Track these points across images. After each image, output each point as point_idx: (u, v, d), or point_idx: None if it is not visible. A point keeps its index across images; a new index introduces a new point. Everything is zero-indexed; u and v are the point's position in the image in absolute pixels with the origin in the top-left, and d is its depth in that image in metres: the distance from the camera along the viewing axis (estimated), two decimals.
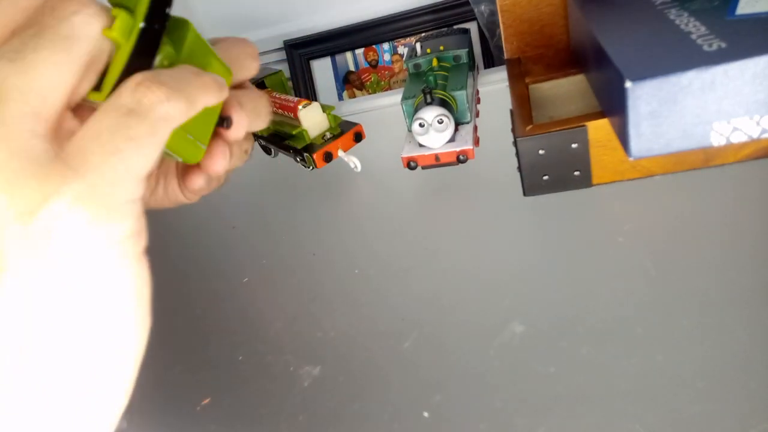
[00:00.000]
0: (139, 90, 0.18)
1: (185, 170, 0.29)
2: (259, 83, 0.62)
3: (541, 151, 0.43)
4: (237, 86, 0.28)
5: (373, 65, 0.99)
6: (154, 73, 0.19)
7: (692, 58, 0.31)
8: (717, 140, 0.32)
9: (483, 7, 0.85)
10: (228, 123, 0.27)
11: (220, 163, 0.26)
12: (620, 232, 0.43)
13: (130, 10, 0.22)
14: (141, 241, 0.17)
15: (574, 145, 0.42)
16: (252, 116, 0.27)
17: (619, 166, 0.43)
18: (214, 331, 0.47)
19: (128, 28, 0.21)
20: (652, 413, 0.32)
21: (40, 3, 0.18)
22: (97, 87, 0.21)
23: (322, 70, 1.00)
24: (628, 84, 0.31)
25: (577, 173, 0.44)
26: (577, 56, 0.49)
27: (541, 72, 0.52)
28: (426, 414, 0.36)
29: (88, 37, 0.18)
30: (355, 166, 0.55)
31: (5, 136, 0.15)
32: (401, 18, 0.94)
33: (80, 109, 0.20)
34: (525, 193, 0.46)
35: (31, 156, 0.15)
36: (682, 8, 0.37)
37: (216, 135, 0.27)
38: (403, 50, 0.97)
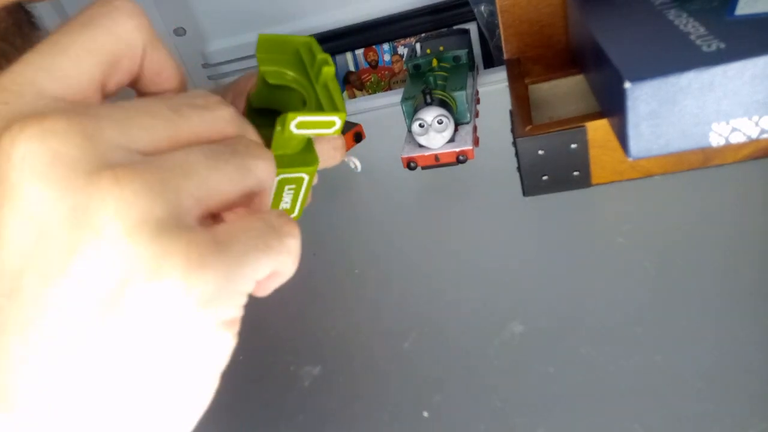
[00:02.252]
0: (283, 217, 0.19)
1: None
2: None
3: (540, 152, 0.43)
4: None
5: (373, 65, 1.00)
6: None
7: (691, 58, 0.31)
8: (716, 140, 0.33)
9: (483, 8, 0.85)
10: None
11: None
12: (620, 232, 0.43)
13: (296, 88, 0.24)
14: (238, 325, 0.19)
15: (573, 146, 0.42)
16: (329, 159, 0.29)
17: (618, 166, 0.43)
18: None
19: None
20: (651, 413, 0.32)
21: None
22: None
23: None
24: (627, 84, 0.31)
25: (576, 173, 0.44)
26: (577, 57, 0.49)
27: (540, 72, 0.52)
28: (426, 414, 0.36)
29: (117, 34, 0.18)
30: (355, 166, 0.55)
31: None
32: (401, 18, 0.94)
33: None
34: (525, 194, 0.46)
35: (183, 222, 0.16)
36: (681, 9, 0.37)
37: None
38: (403, 50, 0.97)
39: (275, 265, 0.18)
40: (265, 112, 0.25)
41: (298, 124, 0.22)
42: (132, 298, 0.15)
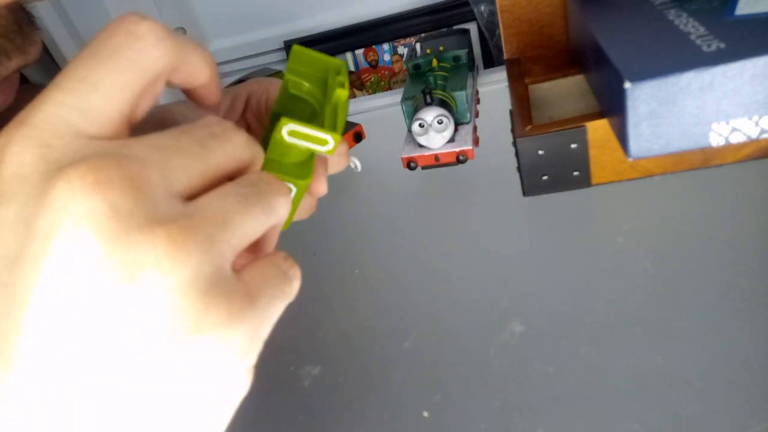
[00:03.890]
0: (288, 260, 0.20)
1: None
2: None
3: (540, 152, 0.43)
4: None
5: (373, 65, 1.00)
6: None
7: (691, 58, 0.31)
8: (716, 141, 0.33)
9: (483, 8, 0.85)
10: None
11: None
12: (620, 232, 0.43)
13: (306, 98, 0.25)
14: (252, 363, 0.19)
15: (573, 146, 0.42)
16: (334, 166, 0.30)
17: (618, 166, 0.43)
18: None
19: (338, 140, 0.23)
20: (651, 413, 0.32)
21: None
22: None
23: None
24: (627, 84, 0.31)
25: (576, 173, 0.44)
26: (577, 56, 0.49)
27: (540, 72, 0.52)
28: (426, 414, 0.36)
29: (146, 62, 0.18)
30: (356, 166, 0.55)
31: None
32: (401, 18, 0.94)
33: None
34: (524, 194, 0.46)
35: (221, 277, 0.17)
36: (681, 8, 0.37)
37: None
38: (403, 50, 0.97)
39: (284, 307, 0.20)
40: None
41: (290, 132, 0.23)
42: (176, 349, 0.15)
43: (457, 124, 0.51)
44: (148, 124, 0.20)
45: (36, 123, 0.16)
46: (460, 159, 0.50)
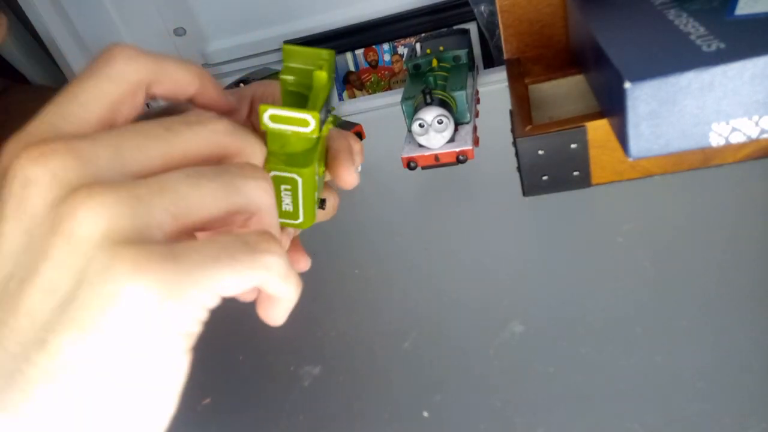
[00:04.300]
0: (264, 235, 0.20)
1: None
2: None
3: (540, 152, 0.43)
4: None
5: (373, 65, 1.00)
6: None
7: (691, 58, 0.31)
8: (716, 141, 0.33)
9: (483, 8, 0.85)
10: (323, 204, 0.31)
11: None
12: (620, 232, 0.43)
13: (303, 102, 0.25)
14: (192, 340, 0.19)
15: (573, 146, 0.42)
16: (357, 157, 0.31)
17: (618, 167, 0.43)
18: (215, 332, 0.47)
19: (330, 76, 0.24)
20: (651, 413, 0.32)
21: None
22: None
23: None
24: (627, 84, 0.31)
25: (576, 173, 0.44)
26: (577, 56, 0.49)
27: (540, 72, 0.52)
28: (426, 414, 0.36)
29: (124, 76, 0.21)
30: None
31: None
32: (401, 18, 0.94)
33: None
34: (524, 194, 0.46)
35: (146, 234, 0.17)
36: (681, 9, 0.37)
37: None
38: (403, 50, 0.97)
39: (247, 280, 0.19)
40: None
41: (271, 117, 0.24)
42: (85, 297, 0.16)
43: (457, 124, 0.51)
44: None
45: (29, 129, 0.19)
46: (460, 159, 0.50)
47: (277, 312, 0.22)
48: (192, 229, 0.19)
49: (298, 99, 0.26)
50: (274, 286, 0.20)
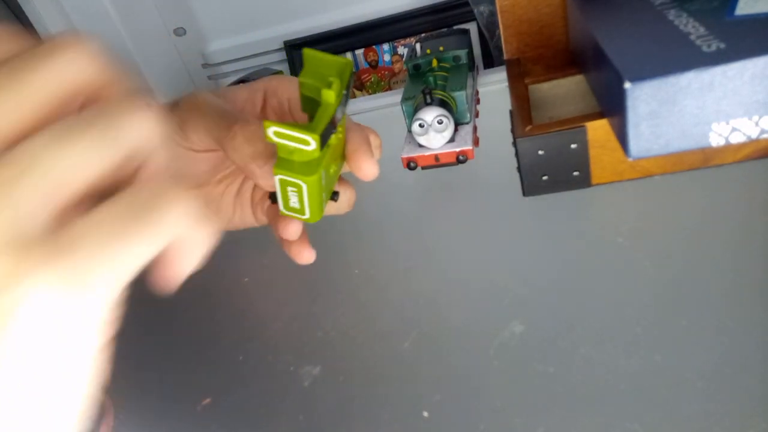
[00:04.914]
0: (163, 186, 0.17)
1: (280, 219, 0.32)
2: None
3: (540, 152, 0.43)
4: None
5: (373, 65, 1.00)
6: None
7: (691, 58, 0.31)
8: (716, 141, 0.33)
9: (483, 8, 0.85)
10: (336, 197, 0.32)
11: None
12: (620, 232, 0.43)
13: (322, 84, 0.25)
14: (107, 332, 0.17)
15: (573, 146, 0.42)
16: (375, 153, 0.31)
17: (618, 167, 0.43)
18: (215, 331, 0.47)
19: (338, 94, 0.25)
20: (651, 413, 0.32)
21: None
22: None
23: None
24: (627, 85, 0.31)
25: (576, 173, 0.44)
26: (577, 57, 0.49)
27: (540, 72, 0.52)
28: (426, 414, 0.36)
29: (136, 139, 0.17)
30: None
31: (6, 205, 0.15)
32: (401, 18, 0.94)
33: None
34: (524, 194, 0.46)
35: (21, 231, 0.15)
36: (681, 9, 0.37)
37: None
38: (403, 51, 0.97)
39: (154, 247, 0.16)
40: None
41: (275, 133, 0.25)
42: None
43: (457, 124, 0.51)
44: None
45: None
46: (460, 159, 0.50)
47: (185, 264, 0.19)
48: (77, 198, 0.16)
49: (315, 105, 0.26)
50: (186, 240, 0.18)
